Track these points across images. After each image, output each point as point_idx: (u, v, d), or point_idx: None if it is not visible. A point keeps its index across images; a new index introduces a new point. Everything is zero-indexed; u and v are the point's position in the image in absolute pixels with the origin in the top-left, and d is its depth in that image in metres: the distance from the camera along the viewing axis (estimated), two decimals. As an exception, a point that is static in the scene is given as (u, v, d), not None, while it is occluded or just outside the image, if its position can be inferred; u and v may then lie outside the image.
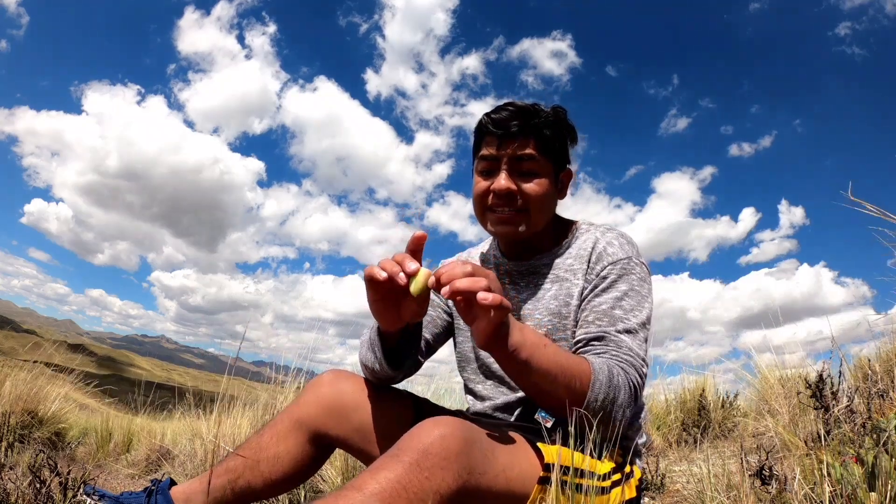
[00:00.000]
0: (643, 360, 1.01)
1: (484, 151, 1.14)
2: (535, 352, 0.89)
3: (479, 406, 1.23)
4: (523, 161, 1.12)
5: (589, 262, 1.13)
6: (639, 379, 0.98)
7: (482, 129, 1.15)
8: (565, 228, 1.23)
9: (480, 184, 1.15)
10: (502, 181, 1.11)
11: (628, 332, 1.03)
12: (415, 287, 0.84)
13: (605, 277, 1.09)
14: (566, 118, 1.17)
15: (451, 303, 1.28)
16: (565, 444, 0.96)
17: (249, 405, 2.54)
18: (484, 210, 1.16)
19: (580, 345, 1.05)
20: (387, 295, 0.93)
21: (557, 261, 1.18)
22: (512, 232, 1.14)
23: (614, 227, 1.19)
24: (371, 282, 0.90)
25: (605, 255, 1.12)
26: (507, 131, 1.10)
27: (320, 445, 1.15)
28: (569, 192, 1.24)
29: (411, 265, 0.85)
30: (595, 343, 1.03)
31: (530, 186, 1.12)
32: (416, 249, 0.88)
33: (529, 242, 1.19)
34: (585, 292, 1.11)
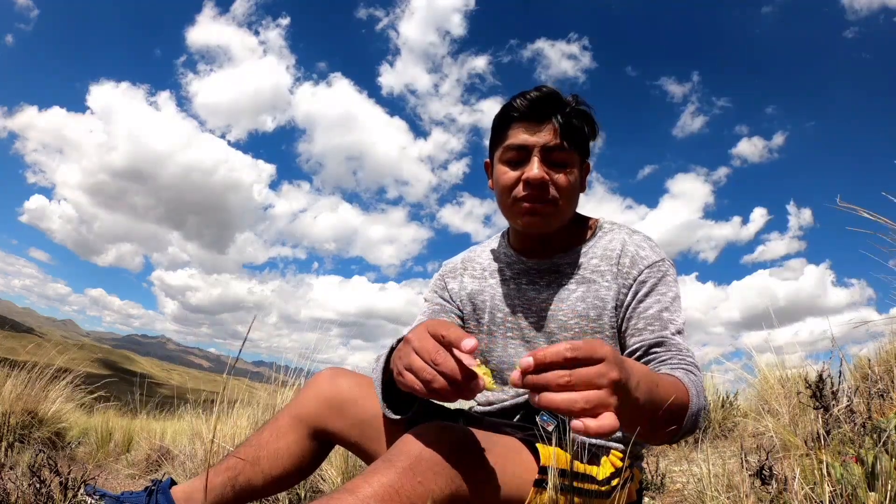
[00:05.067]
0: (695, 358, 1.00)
1: (513, 140, 1.07)
2: (651, 395, 0.75)
3: (479, 409, 1.20)
4: (555, 151, 1.05)
5: (618, 264, 1.08)
6: (702, 379, 0.96)
7: (510, 115, 1.07)
8: (584, 225, 1.18)
9: (508, 174, 1.08)
10: (535, 170, 1.03)
11: (679, 333, 1.02)
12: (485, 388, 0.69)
13: (644, 282, 1.06)
14: (591, 112, 1.10)
15: (461, 302, 1.23)
16: (564, 447, 0.96)
17: (249, 405, 2.54)
18: (513, 202, 1.09)
19: (639, 352, 1.01)
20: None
21: (581, 260, 1.12)
22: (544, 225, 1.08)
23: (638, 230, 1.15)
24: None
25: (639, 259, 1.07)
26: (539, 118, 1.04)
27: (320, 441, 1.15)
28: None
29: (474, 379, 0.68)
30: (657, 349, 0.99)
31: (561, 178, 1.06)
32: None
33: (550, 239, 1.14)
34: (626, 299, 1.06)
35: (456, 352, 0.68)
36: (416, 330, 0.76)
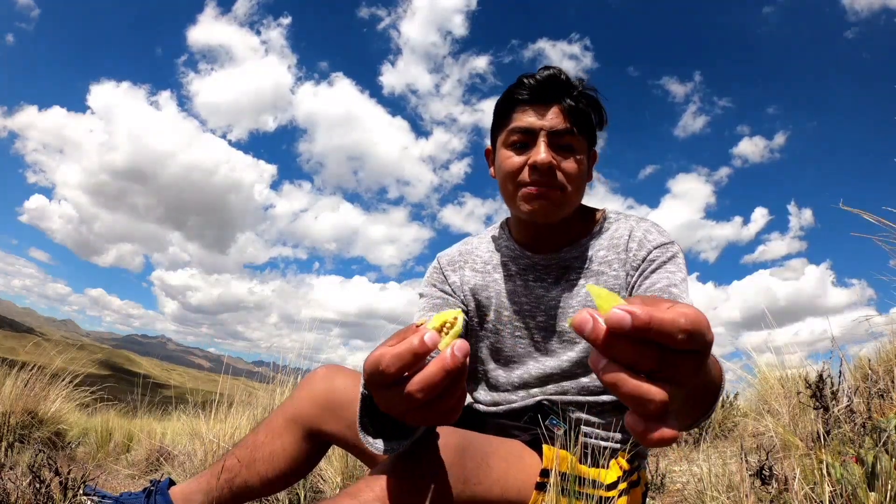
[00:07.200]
0: None
1: (518, 123, 1.02)
2: (706, 375, 0.56)
3: (485, 409, 1.16)
4: (562, 135, 1.00)
5: (626, 250, 1.04)
6: None
7: (515, 97, 1.03)
8: (590, 217, 1.13)
9: (513, 158, 1.02)
10: (543, 154, 0.98)
11: None
12: (443, 344, 0.51)
13: (652, 260, 1.01)
14: (599, 98, 1.06)
15: (464, 297, 1.16)
16: (568, 449, 0.96)
17: (248, 405, 2.54)
18: (517, 188, 1.03)
19: None
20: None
21: (589, 253, 1.07)
22: (550, 212, 1.02)
23: (647, 218, 1.11)
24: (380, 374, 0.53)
25: (646, 241, 1.03)
26: (545, 100, 1.00)
27: (315, 442, 1.13)
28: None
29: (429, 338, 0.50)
30: None
31: (569, 163, 1.01)
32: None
33: (555, 231, 1.08)
34: (632, 278, 1.01)
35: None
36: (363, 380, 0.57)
